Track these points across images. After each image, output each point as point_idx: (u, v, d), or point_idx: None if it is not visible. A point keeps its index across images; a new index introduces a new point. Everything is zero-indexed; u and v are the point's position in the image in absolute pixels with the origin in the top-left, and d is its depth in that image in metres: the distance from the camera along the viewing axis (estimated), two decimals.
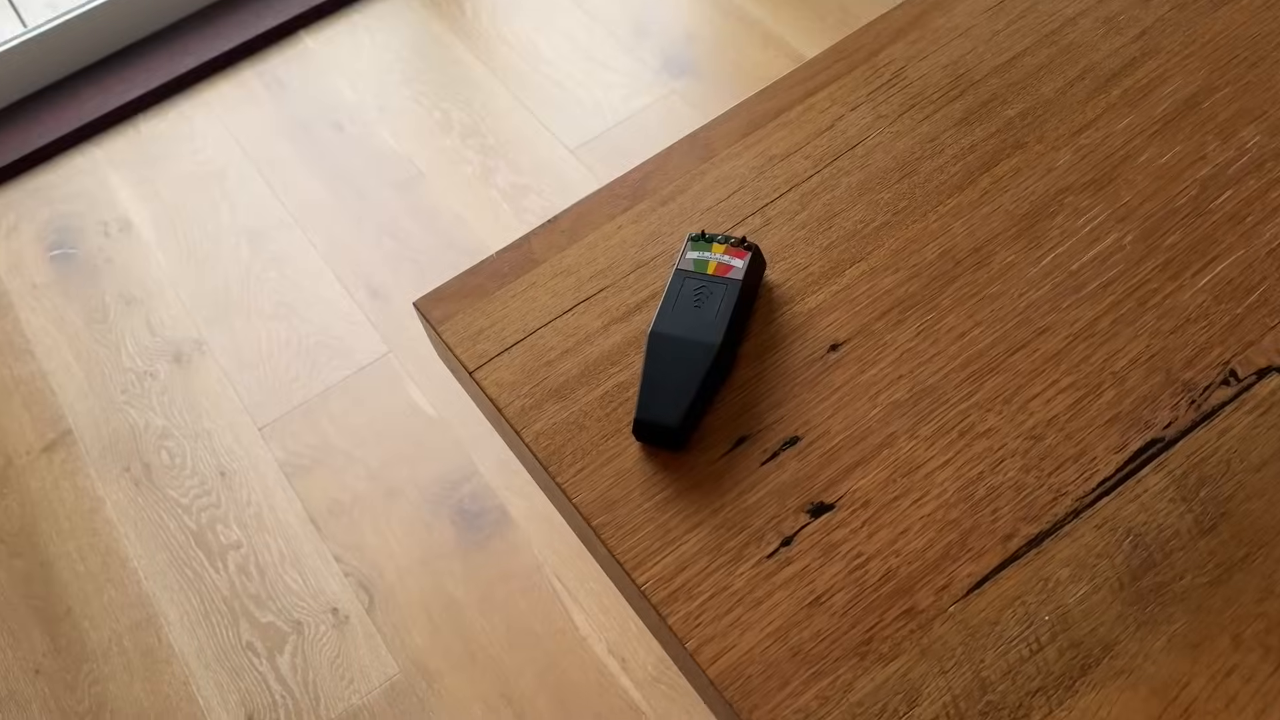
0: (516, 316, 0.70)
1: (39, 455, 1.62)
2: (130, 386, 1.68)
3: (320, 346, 1.68)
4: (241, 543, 1.50)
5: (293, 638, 1.41)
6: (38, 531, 1.55)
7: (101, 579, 1.50)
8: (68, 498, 1.58)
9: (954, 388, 0.63)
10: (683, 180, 0.75)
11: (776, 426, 0.63)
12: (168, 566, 1.49)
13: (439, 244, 1.76)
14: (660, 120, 1.86)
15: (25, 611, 1.48)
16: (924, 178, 0.72)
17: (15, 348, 1.75)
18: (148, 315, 1.76)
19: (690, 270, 0.67)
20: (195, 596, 1.46)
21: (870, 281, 0.68)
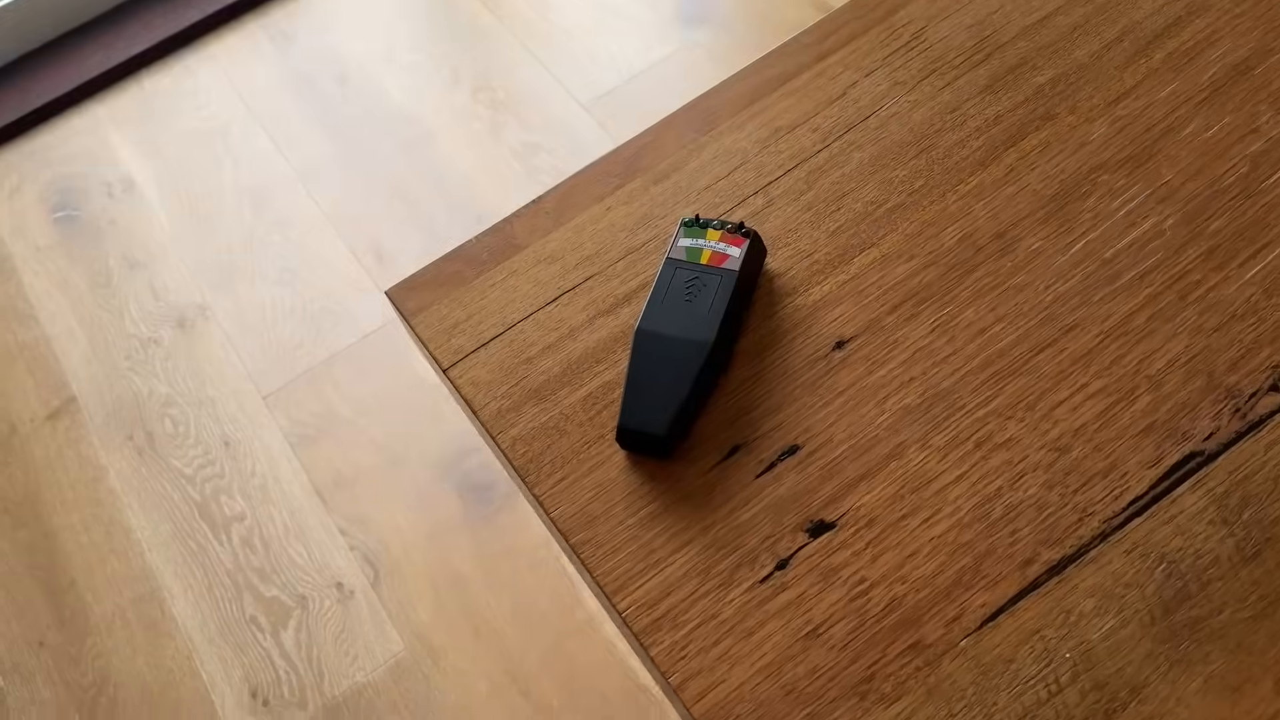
0: (495, 308, 0.64)
1: (43, 423, 1.60)
2: (134, 353, 1.64)
3: (325, 312, 1.63)
4: (246, 514, 1.47)
5: (297, 613, 1.39)
6: (41, 501, 1.53)
7: (105, 550, 1.47)
8: (71, 467, 1.55)
9: (971, 392, 0.57)
10: (679, 155, 0.69)
11: (774, 434, 0.57)
12: (171, 538, 1.47)
13: (447, 205, 1.70)
14: (679, 74, 1.78)
15: (30, 583, 1.46)
16: (943, 153, 0.65)
17: (19, 312, 1.72)
18: (151, 279, 1.72)
19: (682, 260, 0.61)
20: (199, 569, 1.44)
21: (881, 270, 0.61)
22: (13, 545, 1.50)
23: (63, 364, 1.65)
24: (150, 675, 1.37)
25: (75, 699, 1.37)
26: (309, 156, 1.80)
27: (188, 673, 1.36)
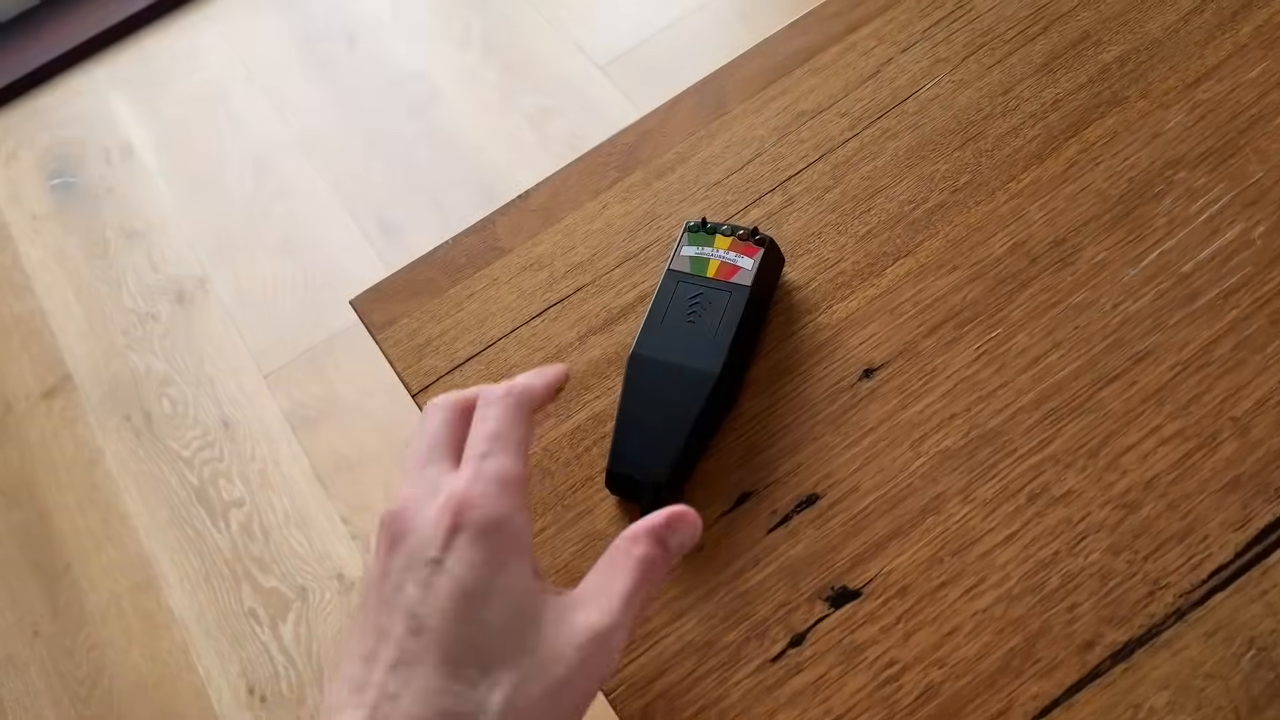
0: (473, 323, 0.56)
1: (38, 401, 1.54)
2: (131, 328, 1.58)
3: (327, 287, 1.56)
4: (244, 500, 1.41)
5: (296, 605, 1.33)
6: (37, 483, 1.47)
7: (101, 536, 1.42)
8: (67, 448, 1.49)
9: (1023, 434, 0.48)
10: (686, 144, 0.60)
11: (789, 480, 0.49)
12: (168, 524, 1.41)
13: (455, 174, 1.62)
14: (705, 34, 1.68)
15: (25, 568, 1.41)
16: (992, 144, 0.56)
17: (15, 285, 1.66)
18: (149, 250, 1.65)
19: (685, 272, 0.52)
20: (196, 557, 1.38)
21: (918, 284, 0.53)
22: (8, 528, 1.45)
23: (59, 339, 1.59)
24: (145, 668, 1.32)
25: (69, 691, 1.32)
26: (312, 121, 1.72)
27: (184, 667, 1.31)
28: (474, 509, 0.38)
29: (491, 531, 0.38)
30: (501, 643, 0.36)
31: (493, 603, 0.37)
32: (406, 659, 0.36)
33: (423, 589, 0.37)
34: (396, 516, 0.39)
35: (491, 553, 0.37)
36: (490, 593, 0.37)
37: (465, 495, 0.38)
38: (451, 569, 0.37)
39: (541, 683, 0.36)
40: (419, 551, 0.38)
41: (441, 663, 0.36)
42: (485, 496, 0.38)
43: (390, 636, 0.36)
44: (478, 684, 0.36)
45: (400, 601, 0.37)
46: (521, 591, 0.37)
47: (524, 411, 0.42)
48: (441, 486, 0.40)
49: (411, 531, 0.38)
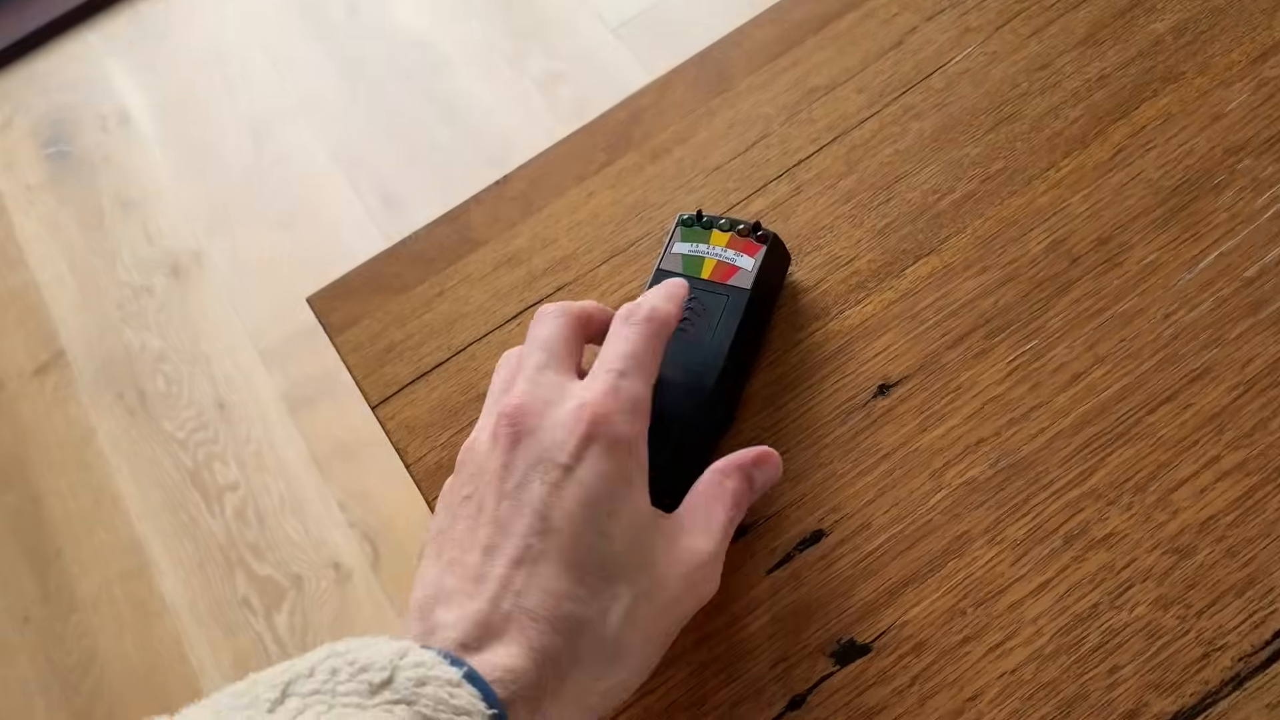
0: (442, 325, 0.50)
1: (31, 378, 1.50)
2: (126, 302, 1.53)
3: (327, 262, 1.50)
4: (239, 484, 1.36)
5: (291, 594, 1.28)
6: (29, 463, 1.43)
7: (93, 519, 1.38)
8: (59, 427, 1.45)
9: (1060, 464, 0.42)
10: (684, 123, 0.54)
11: (791, 513, 0.43)
12: (161, 508, 1.37)
13: (461, 143, 1.55)
14: None
15: (15, 551, 1.38)
16: (1029, 125, 0.50)
17: (8, 257, 1.61)
18: (145, 221, 1.60)
19: (677, 272, 0.46)
20: (190, 543, 1.34)
21: (943, 286, 0.46)
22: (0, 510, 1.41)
23: (52, 313, 1.54)
24: (137, 657, 1.28)
25: (60, 679, 1.28)
26: (313, 88, 1.66)
27: (176, 657, 1.27)
28: (611, 423, 0.38)
29: (623, 447, 0.38)
30: (624, 557, 0.37)
31: (618, 517, 0.37)
32: (531, 557, 0.36)
33: (551, 491, 0.37)
34: (522, 411, 0.38)
35: (620, 468, 0.38)
36: (617, 507, 0.37)
37: (604, 407, 0.38)
38: (583, 478, 0.37)
39: (655, 601, 0.37)
40: (549, 453, 0.37)
41: (567, 567, 0.36)
42: (622, 414, 0.38)
43: (513, 532, 0.36)
44: (599, 593, 0.36)
45: (526, 499, 0.37)
46: (641, 511, 0.38)
47: (661, 340, 0.41)
48: (571, 393, 0.39)
49: (540, 430, 0.38)
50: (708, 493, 0.40)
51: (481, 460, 0.39)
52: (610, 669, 0.36)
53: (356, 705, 0.31)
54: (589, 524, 0.36)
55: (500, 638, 0.34)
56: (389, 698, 0.31)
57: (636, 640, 0.37)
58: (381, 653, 0.32)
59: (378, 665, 0.32)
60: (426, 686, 0.32)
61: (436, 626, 0.35)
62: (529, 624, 0.35)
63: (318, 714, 0.30)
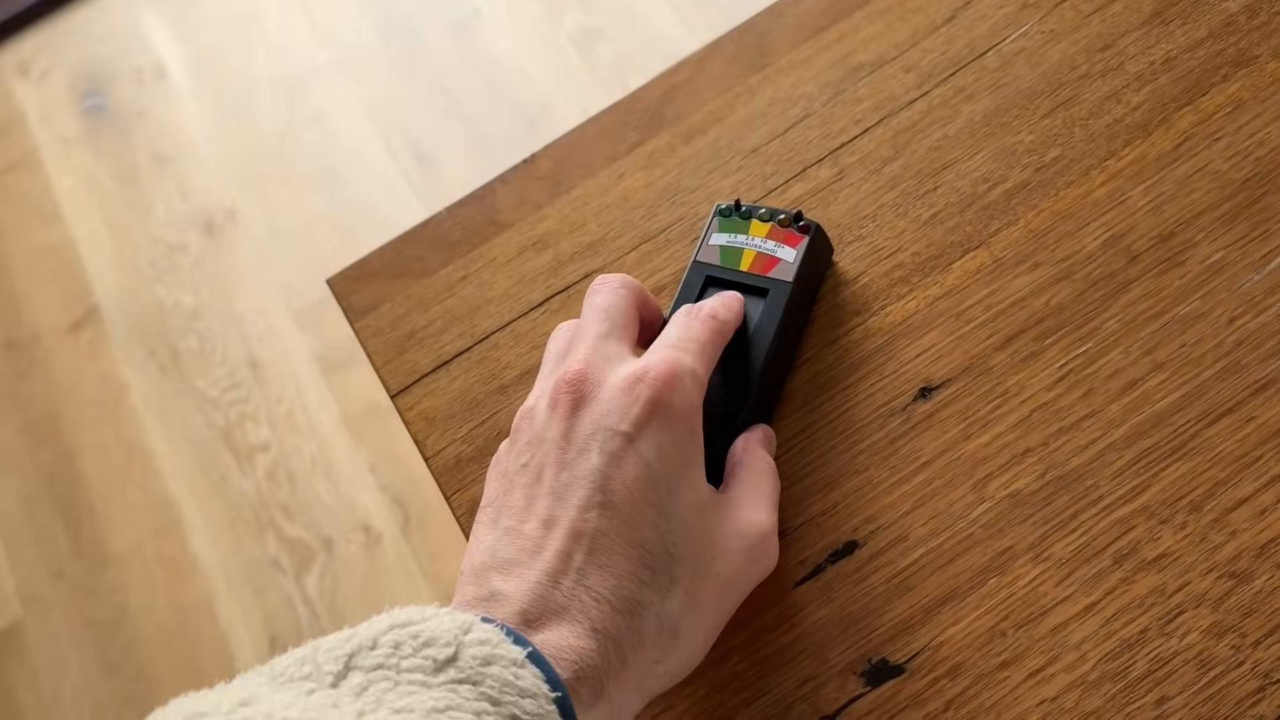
0: (464, 312, 0.48)
1: (65, 334, 1.50)
2: (159, 259, 1.52)
3: (361, 221, 1.49)
4: (271, 444, 1.36)
5: (321, 556, 1.28)
6: (62, 419, 1.44)
7: (125, 477, 1.38)
8: (93, 383, 1.45)
9: (1112, 478, 0.40)
10: (720, 102, 0.51)
11: (823, 522, 0.41)
12: (193, 466, 1.37)
13: (495, 101, 1.53)
14: None
15: (49, 507, 1.38)
16: (1088, 110, 0.47)
17: (44, 212, 1.61)
18: (180, 178, 1.59)
19: (714, 264, 0.44)
20: (221, 502, 1.34)
21: (991, 283, 0.44)
22: (34, 466, 1.42)
23: (87, 269, 1.54)
24: (167, 615, 1.29)
25: (92, 634, 1.30)
26: (348, 42, 1.63)
27: (205, 616, 1.28)
28: (675, 394, 0.37)
29: (685, 422, 0.37)
30: (684, 536, 0.36)
31: (678, 494, 0.36)
32: (591, 532, 0.35)
33: (611, 461, 0.36)
34: (583, 376, 0.37)
35: (681, 443, 0.37)
36: (676, 483, 0.36)
37: (668, 377, 0.37)
38: (643, 450, 0.36)
39: (716, 579, 0.37)
40: (609, 419, 0.36)
41: (629, 545, 0.35)
42: (683, 387, 0.37)
43: (572, 503, 0.35)
44: (660, 573, 0.35)
45: (585, 469, 0.36)
46: (698, 487, 0.37)
47: (722, 340, 0.40)
48: (632, 361, 0.38)
49: (601, 398, 0.37)
50: (751, 470, 0.40)
51: (540, 428, 0.37)
52: (671, 650, 0.35)
53: (421, 683, 0.30)
54: (649, 500, 0.35)
55: (562, 616, 0.34)
56: (454, 676, 0.30)
57: (697, 621, 0.36)
58: (445, 627, 0.31)
59: (442, 640, 0.31)
60: (492, 666, 0.31)
61: (495, 594, 0.34)
62: (591, 604, 0.34)
63: (382, 690, 0.30)
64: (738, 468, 0.40)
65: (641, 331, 0.41)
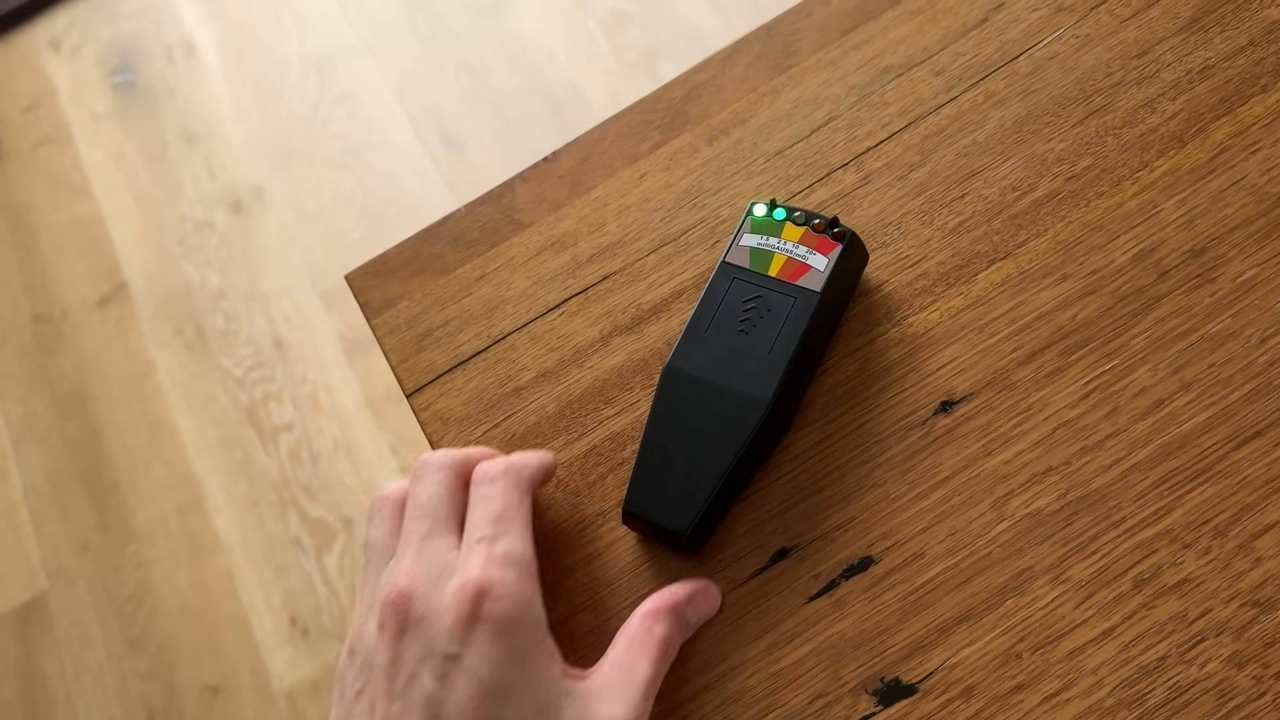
0: (481, 311, 0.48)
1: (93, 309, 1.51)
2: (187, 237, 1.53)
3: (387, 203, 1.49)
4: (294, 424, 1.37)
5: (342, 537, 1.29)
6: (89, 395, 1.45)
7: (150, 453, 1.39)
8: (120, 359, 1.46)
9: (1135, 499, 0.39)
10: (745, 102, 0.50)
11: (838, 537, 0.40)
12: (217, 444, 1.38)
13: (523, 84, 1.52)
14: None
15: (75, 481, 1.40)
16: (1122, 119, 0.46)
17: (74, 187, 1.62)
18: (208, 156, 1.59)
19: (743, 267, 0.43)
20: (244, 481, 1.35)
21: (1017, 295, 0.43)
22: (61, 440, 1.43)
23: (115, 245, 1.55)
24: (189, 592, 1.30)
25: (115, 609, 1.31)
26: (378, 22, 1.63)
27: (227, 593, 1.29)
28: (492, 599, 0.36)
29: (512, 623, 0.36)
30: None
31: (514, 701, 0.35)
32: None
33: (440, 684, 0.35)
34: (405, 598, 0.36)
35: (512, 647, 0.35)
36: (511, 690, 0.35)
37: (481, 583, 0.36)
38: (472, 666, 0.35)
39: None
40: (435, 642, 0.35)
41: None
42: (503, 585, 0.36)
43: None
44: None
45: (416, 695, 0.35)
46: (543, 686, 0.36)
47: (524, 488, 0.39)
48: (451, 568, 0.37)
49: (426, 617, 0.36)
50: (631, 643, 0.38)
51: (369, 651, 0.37)
52: None
53: None
54: (484, 716, 0.34)
55: None
56: None
57: None
58: None
59: None
60: None
61: None
62: None
63: None
64: (619, 638, 0.38)
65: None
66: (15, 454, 1.43)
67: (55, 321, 1.52)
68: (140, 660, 1.27)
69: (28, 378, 1.48)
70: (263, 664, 1.24)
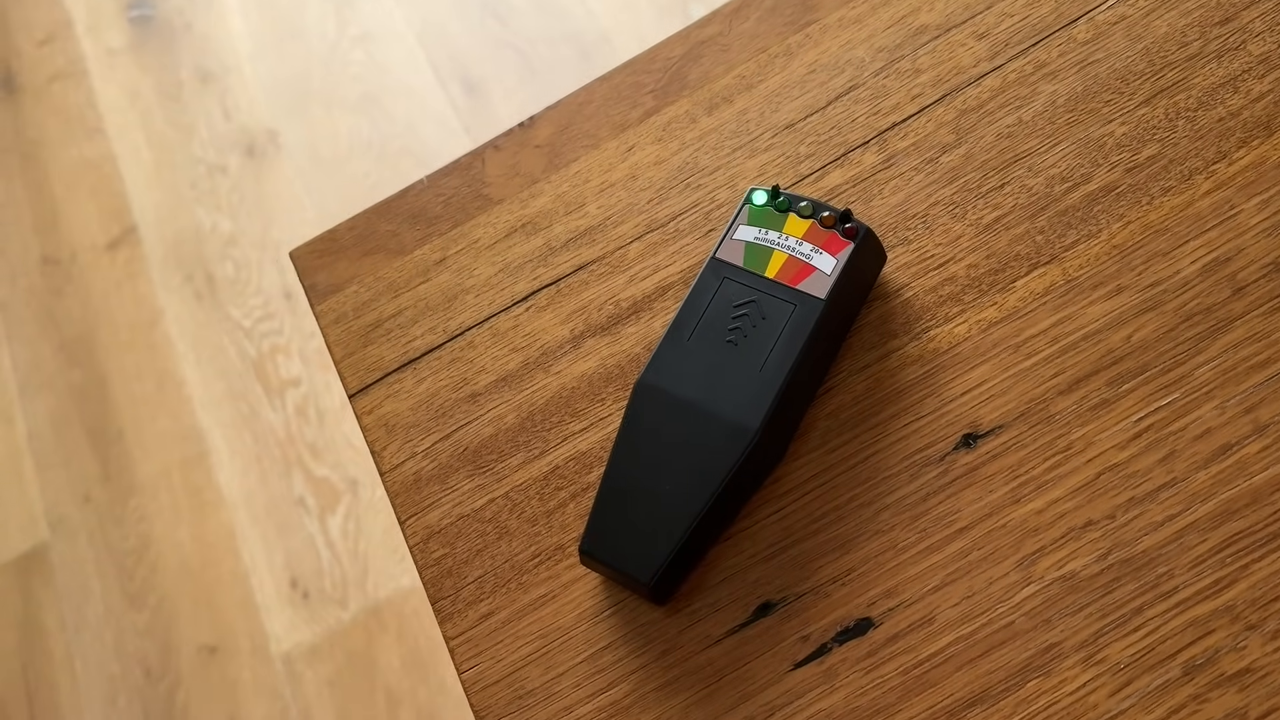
0: (439, 301, 0.42)
1: (103, 252, 1.46)
2: (200, 181, 1.48)
3: (404, 152, 1.42)
4: (302, 380, 1.32)
5: (347, 498, 1.24)
6: (96, 341, 1.41)
7: (155, 403, 1.35)
8: (128, 304, 1.42)
9: (1190, 566, 0.32)
10: (753, 65, 0.43)
11: (834, 592, 0.34)
12: (223, 397, 1.33)
13: (550, 30, 1.44)
14: None
15: (79, 429, 1.36)
16: (1197, 100, 0.38)
17: (87, 124, 1.57)
18: (223, 96, 1.53)
19: (736, 265, 0.37)
20: (249, 436, 1.30)
21: (1061, 309, 0.36)
22: (67, 386, 1.40)
23: (127, 186, 1.50)
24: (190, 548, 1.26)
25: (115, 563, 1.28)
26: None
27: (228, 550, 1.25)
28: None
29: None
30: None
31: None
32: None
33: None
34: None
35: None
36: None
37: None
38: None
39: None
40: None
41: None
42: None
43: None
44: None
45: None
46: None
47: None
48: None
49: None
50: None
51: None
52: None
53: None
54: None
55: None
56: None
57: None
58: None
59: None
60: None
61: None
62: None
63: None
64: None
65: None
66: (21, 399, 1.40)
67: (64, 263, 1.48)
68: (139, 616, 1.24)
69: (35, 320, 1.44)
70: (261, 626, 1.20)
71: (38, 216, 1.53)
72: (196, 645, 1.23)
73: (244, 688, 1.20)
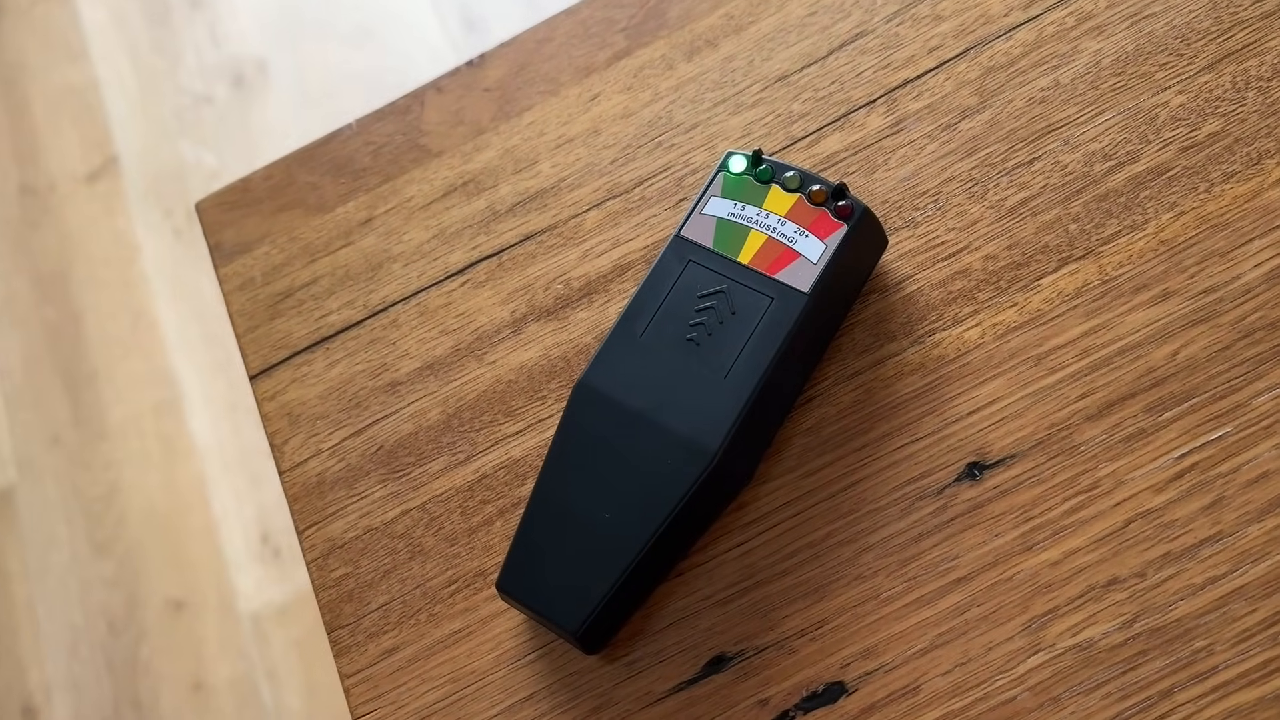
0: (361, 269, 0.36)
1: (82, 183, 1.40)
2: (184, 111, 1.41)
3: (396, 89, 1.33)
4: None
5: None
6: (72, 277, 1.35)
7: (129, 344, 1.30)
8: (105, 239, 1.36)
9: (1233, 642, 0.26)
10: (742, 3, 0.37)
11: (801, 647, 0.28)
12: (198, 341, 1.28)
13: None
14: None
15: (50, 369, 1.31)
16: (1271, 68, 0.32)
17: (71, 48, 1.50)
18: (213, 23, 1.46)
19: (703, 246, 0.31)
20: (223, 383, 1.25)
21: (1094, 315, 0.30)
22: (40, 323, 1.34)
23: (109, 115, 1.44)
24: (159, 496, 1.22)
25: (83, 509, 1.23)
26: None
27: (198, 502, 1.20)
28: None
29: None
30: None
31: None
32: None
33: None
34: None
35: None
36: None
37: None
38: None
39: None
40: None
41: None
42: None
43: None
44: None
45: None
46: None
47: None
48: None
49: None
50: None
51: None
52: None
53: None
54: None
55: None
56: None
57: None
58: None
59: None
60: None
61: None
62: None
63: None
64: None
65: None
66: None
67: (42, 194, 1.41)
68: (105, 565, 1.20)
69: (10, 253, 1.39)
70: (230, 582, 1.16)
71: (17, 144, 1.46)
72: (163, 599, 1.18)
73: (209, 645, 1.15)
